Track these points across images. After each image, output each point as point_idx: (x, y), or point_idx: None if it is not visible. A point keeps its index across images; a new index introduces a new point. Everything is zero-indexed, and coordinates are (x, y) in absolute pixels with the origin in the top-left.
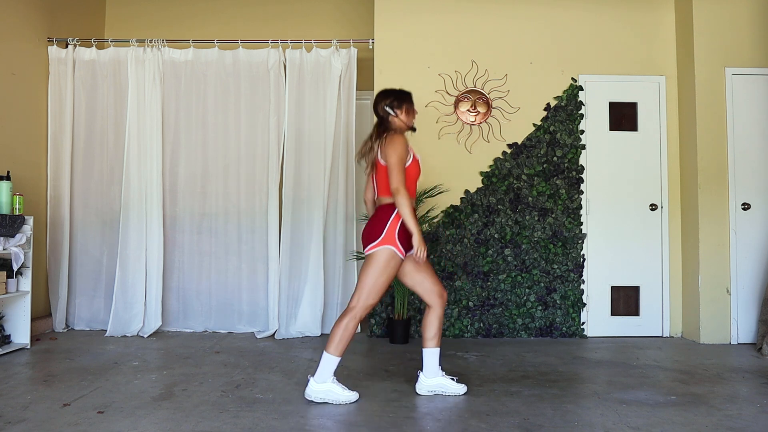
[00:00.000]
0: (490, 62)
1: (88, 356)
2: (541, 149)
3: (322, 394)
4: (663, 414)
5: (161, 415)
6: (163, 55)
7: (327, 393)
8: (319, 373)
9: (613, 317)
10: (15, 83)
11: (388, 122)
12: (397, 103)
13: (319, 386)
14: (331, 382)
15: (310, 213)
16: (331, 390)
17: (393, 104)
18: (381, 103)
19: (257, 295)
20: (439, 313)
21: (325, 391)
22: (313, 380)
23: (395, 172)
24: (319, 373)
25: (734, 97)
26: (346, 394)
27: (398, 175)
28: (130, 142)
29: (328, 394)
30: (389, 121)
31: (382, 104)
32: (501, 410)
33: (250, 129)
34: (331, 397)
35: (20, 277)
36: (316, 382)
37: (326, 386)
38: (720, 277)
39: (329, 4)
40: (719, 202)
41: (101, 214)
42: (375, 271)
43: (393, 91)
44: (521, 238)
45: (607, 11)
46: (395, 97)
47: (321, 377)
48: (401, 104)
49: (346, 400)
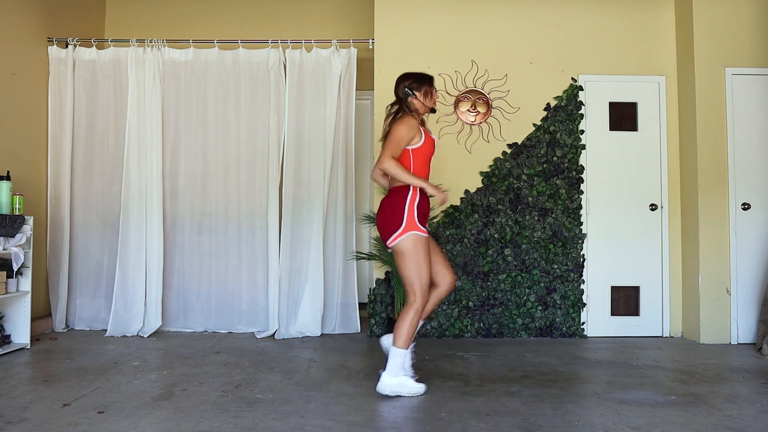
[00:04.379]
0: (490, 62)
1: (88, 356)
2: (541, 149)
3: (396, 387)
4: (663, 414)
5: (161, 415)
6: (163, 55)
7: (401, 386)
8: (391, 367)
9: (613, 317)
10: (15, 83)
11: (407, 103)
12: (416, 85)
13: (393, 380)
14: (403, 374)
15: (310, 213)
16: (403, 383)
17: (412, 86)
18: (401, 84)
19: (257, 295)
20: (442, 293)
21: (398, 384)
22: (386, 374)
23: (386, 147)
24: (391, 367)
25: (734, 97)
26: (417, 386)
27: (388, 150)
28: (130, 142)
29: (402, 386)
30: (408, 103)
31: (402, 85)
32: (501, 410)
33: (250, 129)
34: (404, 390)
35: (20, 277)
36: (389, 376)
37: (399, 379)
38: (720, 277)
39: (329, 4)
40: (719, 202)
41: (101, 214)
42: (411, 260)
43: (413, 73)
44: (521, 238)
45: (607, 11)
46: (414, 79)
47: (394, 371)
48: (420, 86)
49: (418, 392)
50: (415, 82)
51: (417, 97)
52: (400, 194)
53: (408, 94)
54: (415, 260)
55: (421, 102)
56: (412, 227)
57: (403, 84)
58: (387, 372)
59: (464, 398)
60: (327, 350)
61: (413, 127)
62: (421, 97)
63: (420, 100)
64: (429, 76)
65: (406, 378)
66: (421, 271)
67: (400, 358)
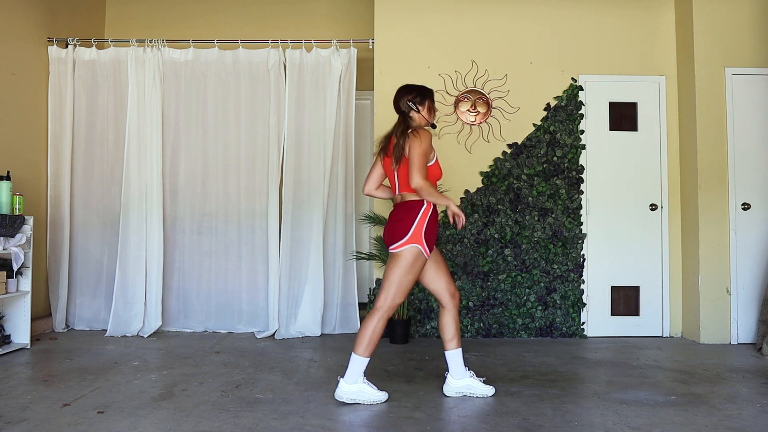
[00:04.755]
0: (490, 62)
1: (88, 356)
2: (541, 149)
3: (354, 394)
4: (663, 414)
5: (161, 415)
6: (163, 55)
7: (358, 393)
8: (349, 374)
9: (613, 317)
10: (15, 83)
11: (409, 118)
12: (420, 99)
13: (350, 387)
14: (362, 382)
15: (310, 213)
16: (362, 390)
17: (416, 100)
18: (403, 98)
19: (257, 295)
20: (453, 313)
21: (356, 392)
22: (344, 381)
23: (417, 167)
24: (349, 374)
25: (734, 97)
26: (377, 394)
27: (420, 170)
28: (130, 142)
29: (359, 394)
30: (410, 117)
31: (405, 99)
32: (501, 410)
33: (250, 129)
34: (362, 397)
35: (20, 277)
36: (346, 383)
37: (357, 386)
38: (720, 277)
39: (329, 4)
40: (719, 202)
41: (101, 214)
42: (401, 271)
43: (416, 87)
44: (521, 238)
45: (607, 11)
46: (418, 92)
47: (351, 378)
48: (424, 100)
49: (377, 400)
50: (419, 95)
51: (420, 112)
52: (414, 207)
53: (411, 108)
54: (404, 273)
55: (426, 117)
56: (417, 240)
57: (406, 98)
58: (345, 378)
59: (464, 398)
60: (327, 350)
61: (430, 141)
62: (424, 112)
63: (423, 114)
64: (430, 90)
65: (365, 385)
66: (404, 285)
67: (359, 365)
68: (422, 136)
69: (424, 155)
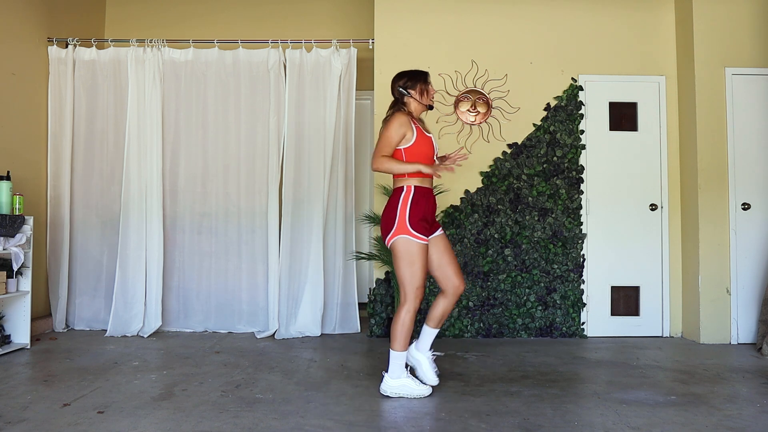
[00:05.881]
0: (490, 62)
1: (88, 356)
2: (541, 149)
3: (397, 389)
4: (663, 414)
5: (161, 415)
6: (163, 55)
7: (402, 387)
8: (392, 369)
9: (613, 317)
10: (15, 83)
11: (403, 103)
12: (410, 83)
13: (395, 381)
14: (406, 376)
15: (310, 213)
16: (405, 384)
17: (407, 85)
18: (395, 84)
19: (257, 295)
20: (450, 300)
21: (400, 386)
22: (388, 376)
23: (375, 150)
24: (392, 369)
25: (734, 97)
26: (420, 388)
27: (377, 153)
28: (130, 142)
29: (403, 388)
30: (405, 102)
31: (396, 85)
32: (501, 410)
33: (250, 129)
34: (405, 392)
35: (20, 277)
36: (391, 378)
37: (401, 381)
38: (720, 277)
39: (329, 4)
40: (719, 203)
41: (101, 214)
42: (401, 263)
43: (407, 72)
44: (521, 238)
45: (607, 11)
46: (408, 77)
47: (395, 373)
48: (415, 84)
49: (421, 394)
50: (410, 80)
51: (413, 96)
52: (394, 195)
53: (404, 93)
54: (405, 264)
55: (418, 100)
56: (402, 231)
57: (397, 84)
58: (389, 373)
59: (464, 398)
60: (327, 350)
61: (402, 123)
62: (416, 95)
63: (416, 98)
64: (423, 72)
65: (408, 379)
66: (413, 275)
67: (399, 360)
68: (391, 120)
69: (385, 138)
